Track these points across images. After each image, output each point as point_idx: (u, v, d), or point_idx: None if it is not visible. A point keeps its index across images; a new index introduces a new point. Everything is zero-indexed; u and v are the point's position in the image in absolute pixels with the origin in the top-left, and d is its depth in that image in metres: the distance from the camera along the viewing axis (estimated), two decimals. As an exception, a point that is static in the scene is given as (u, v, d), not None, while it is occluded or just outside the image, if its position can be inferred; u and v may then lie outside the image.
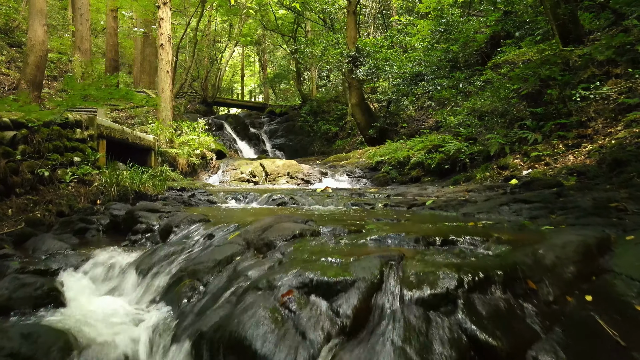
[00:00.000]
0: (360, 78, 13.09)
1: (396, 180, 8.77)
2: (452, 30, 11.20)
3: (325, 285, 1.77)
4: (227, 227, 3.17)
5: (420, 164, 8.48)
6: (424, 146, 8.95)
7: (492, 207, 3.69)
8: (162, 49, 10.23)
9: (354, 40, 13.53)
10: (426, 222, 3.25)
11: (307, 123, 19.81)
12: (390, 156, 9.32)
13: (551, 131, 6.44)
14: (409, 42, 13.64)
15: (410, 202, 4.66)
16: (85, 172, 4.86)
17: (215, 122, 18.18)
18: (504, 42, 10.41)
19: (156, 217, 3.77)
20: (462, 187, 5.92)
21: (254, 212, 4.41)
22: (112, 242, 3.74)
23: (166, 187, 5.80)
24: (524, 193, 4.46)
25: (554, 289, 1.82)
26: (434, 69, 11.08)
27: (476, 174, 6.66)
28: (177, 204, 5.13)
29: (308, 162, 13.93)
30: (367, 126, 13.56)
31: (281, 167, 9.71)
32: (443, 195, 5.50)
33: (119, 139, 6.66)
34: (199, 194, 5.78)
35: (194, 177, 9.56)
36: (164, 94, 10.16)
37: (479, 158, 7.09)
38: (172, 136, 9.54)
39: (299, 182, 9.27)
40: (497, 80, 8.47)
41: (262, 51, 32.57)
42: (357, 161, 10.58)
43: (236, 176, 9.60)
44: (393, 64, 12.32)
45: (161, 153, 8.76)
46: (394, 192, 5.94)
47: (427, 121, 14.47)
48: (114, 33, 15.64)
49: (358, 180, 9.23)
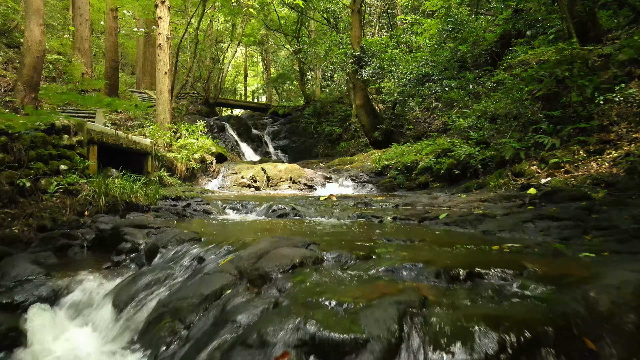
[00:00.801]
0: (365, 79, 12.73)
1: (403, 186, 8.39)
2: (460, 29, 10.81)
3: (330, 344, 1.42)
4: (219, 249, 2.83)
5: (429, 169, 8.10)
6: (432, 150, 8.57)
7: (515, 225, 3.32)
8: (160, 49, 9.90)
9: (358, 39, 13.16)
10: (443, 243, 2.89)
11: (310, 124, 19.45)
12: (397, 160, 8.95)
13: (570, 136, 6.05)
14: (415, 42, 13.25)
15: (421, 215, 4.29)
16: (71, 181, 4.53)
17: (217, 124, 17.87)
18: (515, 41, 10.02)
19: (143, 235, 3.42)
20: (476, 197, 5.54)
21: (251, 226, 4.06)
22: (95, 262, 3.40)
23: (160, 196, 5.46)
24: (547, 206, 4.09)
25: (618, 349, 1.46)
26: (441, 69, 10.69)
27: (489, 181, 6.28)
28: (171, 215, 4.79)
29: (311, 166, 13.58)
30: (372, 128, 13.19)
31: (283, 171, 9.36)
32: (456, 205, 5.13)
33: (112, 144, 6.33)
34: (195, 204, 5.44)
35: (193, 181, 9.23)
36: (162, 95, 9.83)
37: (492, 164, 6.70)
38: (171, 140, 9.21)
39: (301, 188, 8.91)
40: (509, 81, 8.09)
41: (266, 51, 32.26)
42: (362, 165, 10.21)
43: (237, 181, 9.26)
44: (399, 64, 11.94)
45: (158, 157, 8.43)
46: (402, 202, 5.56)
47: (434, 123, 14.08)
48: (114, 33, 15.36)
49: (363, 186, 8.87)
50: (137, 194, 4.92)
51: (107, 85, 15.45)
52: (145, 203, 4.93)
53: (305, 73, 23.62)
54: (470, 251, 2.59)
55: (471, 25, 10.63)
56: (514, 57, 8.55)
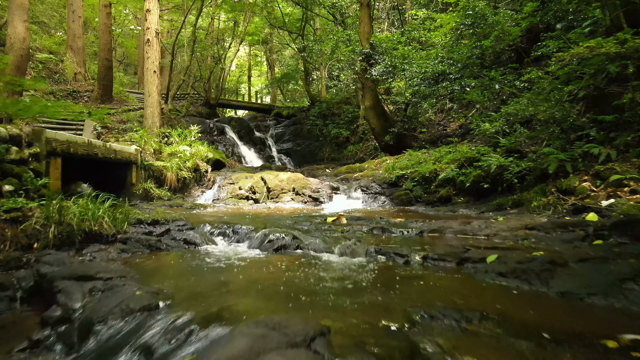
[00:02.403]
0: (375, 78, 11.73)
1: (421, 200, 7.39)
2: (480, 23, 9.77)
3: None
4: (180, 333, 1.88)
5: (451, 181, 7.09)
6: (453, 159, 7.56)
7: (608, 285, 2.32)
8: (148, 45, 8.96)
9: (367, 36, 12.16)
10: (515, 325, 1.90)
11: (315, 126, 18.48)
12: (413, 170, 7.94)
13: (628, 145, 5.02)
14: (429, 38, 12.23)
15: (459, 254, 3.29)
16: (13, 206, 3.59)
17: (217, 126, 16.95)
18: (544, 35, 8.98)
19: (82, 294, 2.47)
20: (517, 221, 4.53)
21: (240, 271, 3.09)
22: (22, 328, 2.47)
23: (134, 220, 4.51)
24: (629, 244, 3.08)
25: None
26: (459, 67, 9.66)
27: (529, 199, 5.27)
28: (141, 248, 3.84)
29: (316, 172, 12.61)
30: (382, 131, 12.19)
31: (285, 181, 8.39)
32: (496, 234, 4.13)
33: (84, 154, 5.39)
34: (176, 230, 4.48)
35: (185, 193, 8.29)
36: (150, 97, 8.90)
37: (531, 177, 5.68)
38: (160, 146, 8.28)
39: (305, 200, 7.94)
40: (543, 80, 7.07)
41: (270, 50, 31.36)
42: (374, 174, 9.22)
43: (234, 192, 8.31)
44: (412, 62, 10.93)
45: (145, 167, 7.50)
46: (427, 227, 4.56)
47: (449, 126, 13.05)
48: (107, 30, 14.48)
49: (375, 198, 7.87)
50: (102, 220, 3.97)
51: (100, 86, 14.59)
52: (111, 231, 3.98)
53: (310, 72, 22.65)
54: (576, 352, 1.60)
55: (494, 19, 9.58)
56: (545, 52, 7.55)
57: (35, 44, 15.20)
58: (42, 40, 15.71)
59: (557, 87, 6.40)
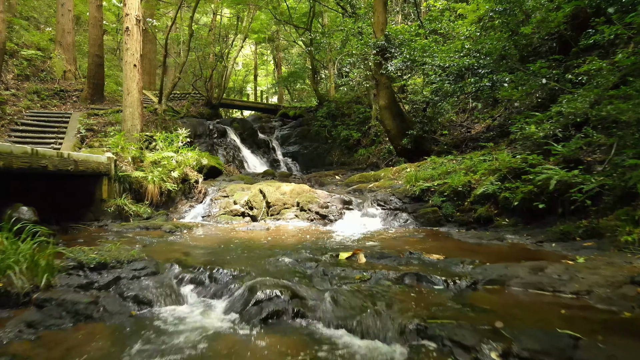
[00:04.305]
0: (391, 74, 10.39)
1: (453, 220, 6.06)
2: (515, 9, 8.39)
3: None
4: None
5: (491, 197, 5.75)
6: (491, 169, 6.21)
7: None
8: (127, 34, 7.73)
9: (382, 27, 10.82)
10: None
11: (324, 128, 17.17)
12: (442, 182, 6.60)
13: None
14: (452, 28, 10.84)
15: (563, 350, 1.97)
16: None
17: (218, 128, 15.72)
18: (594, 20, 7.58)
19: None
20: (611, 266, 3.17)
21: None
22: None
23: (72, 264, 3.25)
24: None
25: None
26: (492, 60, 8.29)
27: (613, 228, 3.91)
28: (63, 317, 2.57)
29: (325, 179, 11.31)
30: (399, 134, 10.84)
31: (288, 194, 7.11)
32: (589, 290, 2.81)
33: (22, 168, 4.15)
34: (130, 277, 3.22)
35: (170, 208, 7.05)
36: (129, 95, 7.67)
37: (608, 198, 4.32)
38: (140, 153, 7.04)
39: (312, 218, 6.65)
40: (604, 72, 5.71)
41: (277, 49, 30.16)
42: (392, 184, 7.89)
43: (228, 207, 7.04)
44: (434, 55, 9.57)
45: (120, 179, 6.27)
46: (482, 274, 3.24)
47: (473, 127, 11.65)
48: (98, 24, 13.34)
49: (395, 215, 6.55)
50: (11, 271, 2.73)
51: (90, 84, 13.45)
52: (26, 288, 2.72)
53: (318, 71, 21.36)
54: None
55: (530, 3, 8.19)
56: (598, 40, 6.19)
57: (22, 40, 14.15)
58: (30, 36, 14.64)
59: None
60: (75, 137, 10.14)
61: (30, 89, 12.37)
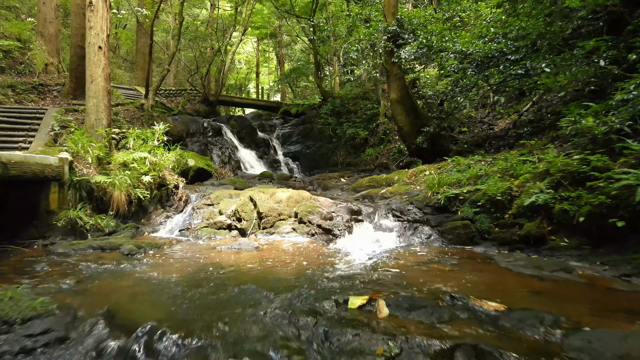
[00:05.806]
0: (404, 63, 9.16)
1: (490, 237, 4.81)
2: (551, -16, 7.12)
3: None
4: None
5: (542, 210, 4.49)
6: (536, 172, 4.96)
7: None
8: (91, 10, 6.53)
9: (394, 10, 9.58)
10: None
11: (328, 126, 15.94)
12: (473, 188, 5.35)
13: None
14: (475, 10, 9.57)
15: None
16: None
17: (213, 126, 14.53)
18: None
19: None
20: None
21: None
22: None
23: None
24: None
25: None
26: (528, 42, 7.01)
27: None
28: None
29: (329, 182, 10.07)
30: (412, 131, 9.59)
31: (285, 202, 5.89)
32: None
33: None
34: (14, 352, 2.01)
35: (142, 220, 5.85)
36: (93, 83, 6.44)
37: None
38: (106, 154, 5.85)
39: (313, 232, 5.43)
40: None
41: (279, 44, 28.99)
42: (408, 190, 6.64)
43: (211, 218, 5.83)
44: (455, 41, 8.32)
45: (77, 185, 5.07)
46: (590, 357, 2.00)
47: (496, 124, 10.37)
48: (81, 12, 12.14)
49: (415, 230, 5.31)
50: None
51: (72, 78, 12.30)
52: None
53: (322, 66, 20.12)
54: None
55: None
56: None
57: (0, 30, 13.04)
58: (10, 26, 13.52)
59: None
60: (48, 135, 8.98)
61: (5, 83, 11.23)
